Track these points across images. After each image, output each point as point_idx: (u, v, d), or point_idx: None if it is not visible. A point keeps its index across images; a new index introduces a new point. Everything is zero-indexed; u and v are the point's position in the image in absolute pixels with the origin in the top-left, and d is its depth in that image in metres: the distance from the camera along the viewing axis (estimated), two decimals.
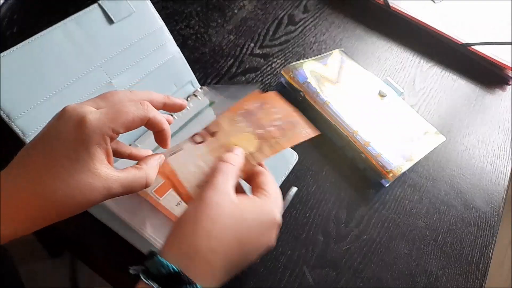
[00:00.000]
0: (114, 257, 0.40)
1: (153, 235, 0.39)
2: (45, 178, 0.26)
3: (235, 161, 0.33)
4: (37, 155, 0.27)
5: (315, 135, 0.38)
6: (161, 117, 0.32)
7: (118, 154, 0.34)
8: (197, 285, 0.26)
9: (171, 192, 0.41)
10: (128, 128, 0.30)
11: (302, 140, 0.37)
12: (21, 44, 0.39)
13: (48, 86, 0.40)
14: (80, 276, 0.96)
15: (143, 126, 0.32)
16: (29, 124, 0.39)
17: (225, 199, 0.29)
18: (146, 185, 0.32)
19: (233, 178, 0.31)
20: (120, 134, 0.30)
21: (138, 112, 0.30)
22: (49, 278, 0.95)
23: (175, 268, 0.26)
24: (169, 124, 0.34)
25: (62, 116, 0.28)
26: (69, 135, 0.27)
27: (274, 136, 0.37)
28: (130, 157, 0.35)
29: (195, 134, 0.36)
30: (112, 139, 0.29)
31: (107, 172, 0.28)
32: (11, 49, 0.39)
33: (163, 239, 0.38)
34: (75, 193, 0.27)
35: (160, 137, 0.34)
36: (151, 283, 0.26)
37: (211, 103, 0.48)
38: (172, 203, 0.40)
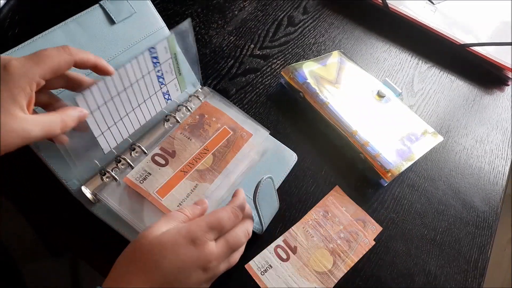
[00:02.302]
0: (116, 256, 0.40)
1: None
2: None
3: (192, 212, 0.36)
4: None
5: (373, 245, 0.45)
6: (88, 55, 0.34)
7: (49, 107, 0.36)
8: None
9: (172, 192, 0.41)
10: (55, 72, 0.32)
11: (366, 250, 0.45)
12: (22, 44, 0.40)
13: None
14: (82, 275, 0.96)
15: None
16: None
17: (151, 232, 0.32)
18: (62, 129, 0.33)
19: (176, 223, 0.34)
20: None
21: (62, 56, 0.31)
22: (50, 278, 0.96)
23: None
24: (109, 74, 0.36)
25: None
26: None
27: (343, 250, 0.44)
28: (53, 108, 0.36)
29: (278, 246, 0.43)
30: (38, 85, 0.31)
31: (25, 116, 0.30)
32: (13, 49, 0.39)
33: None
34: (19, 127, 0.29)
35: (100, 71, 0.36)
36: None
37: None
38: (173, 203, 0.41)
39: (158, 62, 0.42)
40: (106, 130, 0.40)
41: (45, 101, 0.36)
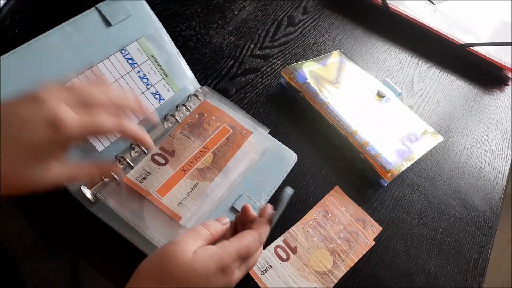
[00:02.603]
0: (116, 256, 0.40)
1: (155, 234, 0.39)
2: (17, 167, 0.29)
3: (215, 230, 0.35)
4: (8, 143, 0.29)
5: (373, 245, 0.45)
6: (135, 130, 0.35)
7: None
8: None
9: (172, 191, 0.41)
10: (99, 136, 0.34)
11: (366, 250, 0.45)
12: (19, 47, 0.40)
13: None
14: (82, 275, 0.96)
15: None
16: None
17: (181, 252, 0.31)
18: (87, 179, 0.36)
19: (204, 240, 0.33)
20: None
21: (113, 129, 0.33)
22: (50, 278, 0.96)
23: None
24: (151, 121, 0.39)
25: (37, 106, 0.29)
26: (44, 132, 0.29)
27: (343, 250, 0.44)
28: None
29: (278, 246, 0.43)
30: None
31: (59, 167, 0.32)
32: (10, 52, 0.39)
33: (164, 239, 0.39)
34: (44, 178, 0.31)
35: (138, 142, 0.38)
36: None
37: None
38: (174, 202, 0.41)
39: (135, 63, 0.44)
40: None
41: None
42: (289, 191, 0.38)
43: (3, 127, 0.29)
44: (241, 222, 0.38)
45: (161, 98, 0.47)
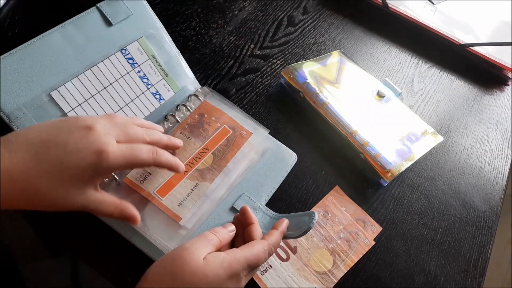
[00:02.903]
0: (116, 256, 0.40)
1: (155, 235, 0.39)
2: (59, 188, 0.31)
3: (223, 237, 0.36)
4: (50, 162, 0.31)
5: (373, 245, 0.45)
6: (167, 160, 0.38)
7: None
8: None
9: (173, 192, 0.41)
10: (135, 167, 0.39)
11: (366, 250, 0.45)
12: (20, 46, 0.40)
13: (48, 87, 0.41)
14: (82, 275, 0.96)
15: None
16: (29, 125, 0.39)
17: (193, 258, 0.31)
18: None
19: (213, 246, 0.34)
20: None
21: (149, 160, 0.36)
22: (50, 277, 0.96)
23: None
24: (177, 149, 0.42)
25: (89, 134, 0.32)
26: (90, 158, 0.31)
27: (343, 250, 0.44)
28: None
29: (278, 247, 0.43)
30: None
31: (102, 195, 0.35)
32: (11, 51, 0.39)
33: (164, 239, 0.39)
34: (76, 200, 0.33)
35: (169, 169, 0.39)
36: None
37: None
38: (174, 203, 0.41)
39: (136, 63, 0.44)
40: None
41: None
42: (315, 216, 0.38)
43: (53, 147, 0.31)
44: (240, 223, 0.38)
45: (161, 98, 0.47)
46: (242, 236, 0.38)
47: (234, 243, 0.38)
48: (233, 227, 0.38)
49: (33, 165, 0.30)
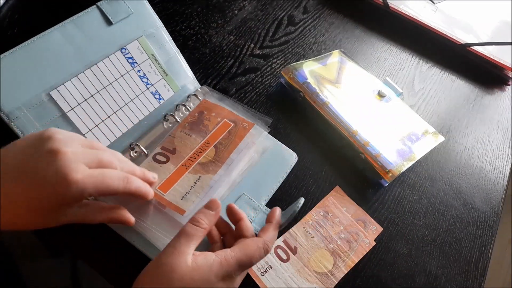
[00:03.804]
0: (116, 256, 0.40)
1: (157, 233, 0.39)
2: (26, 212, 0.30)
3: (206, 224, 0.34)
4: (19, 186, 0.30)
5: (373, 245, 0.45)
6: (137, 188, 0.36)
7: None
8: None
9: (175, 187, 0.41)
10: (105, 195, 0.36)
11: (367, 251, 0.44)
12: (20, 45, 0.40)
13: (47, 87, 0.40)
14: (81, 275, 0.96)
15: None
16: (29, 125, 0.39)
17: (180, 264, 0.31)
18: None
19: (198, 240, 0.33)
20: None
21: (119, 187, 0.33)
22: (50, 278, 0.96)
23: None
24: (151, 184, 0.39)
25: (54, 161, 0.30)
26: (56, 188, 0.30)
27: (344, 251, 0.44)
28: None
29: (278, 247, 0.43)
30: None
31: (89, 205, 0.35)
32: (11, 50, 0.39)
33: (167, 236, 0.39)
34: (57, 222, 0.33)
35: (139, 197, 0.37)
36: None
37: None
38: (177, 197, 0.41)
39: (136, 63, 0.44)
40: (94, 127, 0.42)
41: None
42: (301, 201, 0.38)
43: (20, 180, 0.30)
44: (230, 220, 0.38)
45: (161, 97, 0.47)
46: (231, 233, 0.37)
47: (225, 242, 0.38)
48: (218, 204, 0.36)
49: (9, 196, 0.29)
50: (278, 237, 0.44)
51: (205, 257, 0.32)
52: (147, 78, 0.46)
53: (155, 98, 0.47)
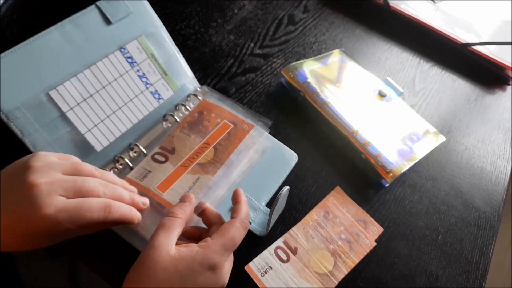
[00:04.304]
0: (114, 257, 0.40)
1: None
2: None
3: (182, 213, 0.35)
4: (5, 217, 0.30)
5: (374, 246, 0.45)
6: (122, 215, 0.34)
7: None
8: None
9: (173, 187, 0.41)
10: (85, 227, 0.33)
11: (368, 251, 0.44)
12: (19, 45, 0.39)
13: (46, 87, 0.40)
14: (80, 276, 0.96)
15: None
16: (28, 125, 0.39)
17: (162, 255, 0.31)
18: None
19: (176, 230, 0.33)
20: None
21: (99, 218, 0.32)
22: (48, 279, 0.95)
23: None
24: (143, 210, 0.37)
25: (29, 195, 0.29)
26: (32, 224, 0.29)
27: (344, 251, 0.43)
28: None
29: (278, 247, 0.43)
30: None
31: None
32: (10, 50, 0.39)
33: None
34: (46, 243, 0.32)
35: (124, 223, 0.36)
36: None
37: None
38: (175, 197, 0.40)
39: (135, 62, 0.44)
40: (93, 127, 0.42)
41: None
42: (285, 189, 0.38)
43: (4, 211, 0.30)
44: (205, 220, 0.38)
45: (160, 97, 0.47)
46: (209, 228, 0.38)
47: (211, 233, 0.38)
48: (191, 197, 0.37)
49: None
50: (278, 237, 0.43)
51: (188, 248, 0.32)
52: (147, 78, 0.46)
53: (155, 98, 0.47)
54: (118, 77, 0.44)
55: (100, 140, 0.42)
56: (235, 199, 0.38)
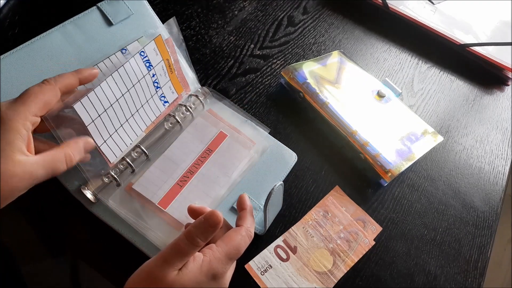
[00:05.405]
0: (116, 256, 0.40)
1: (156, 236, 0.39)
2: None
3: (201, 241, 0.32)
4: None
5: (373, 245, 0.45)
6: (67, 77, 0.33)
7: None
8: None
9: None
10: (46, 107, 0.31)
11: (366, 250, 0.45)
12: (20, 46, 0.40)
13: None
14: (82, 275, 0.96)
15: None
16: None
17: (169, 273, 0.30)
18: (68, 164, 0.32)
19: (189, 256, 0.31)
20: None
21: (45, 90, 0.31)
22: (50, 278, 0.95)
23: None
24: (95, 76, 0.36)
25: None
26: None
27: (343, 250, 0.44)
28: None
29: (278, 246, 0.43)
30: (33, 124, 0.30)
31: (26, 158, 0.29)
32: (11, 51, 0.39)
33: (166, 238, 0.39)
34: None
35: (85, 80, 0.35)
36: None
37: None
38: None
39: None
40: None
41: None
42: (277, 184, 0.38)
43: None
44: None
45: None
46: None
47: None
48: (218, 218, 0.32)
49: None
50: (278, 236, 0.44)
51: (194, 260, 0.31)
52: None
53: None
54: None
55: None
56: (241, 205, 0.37)
